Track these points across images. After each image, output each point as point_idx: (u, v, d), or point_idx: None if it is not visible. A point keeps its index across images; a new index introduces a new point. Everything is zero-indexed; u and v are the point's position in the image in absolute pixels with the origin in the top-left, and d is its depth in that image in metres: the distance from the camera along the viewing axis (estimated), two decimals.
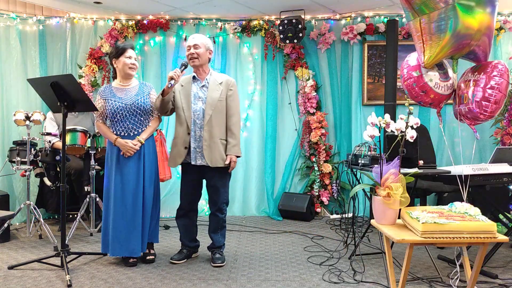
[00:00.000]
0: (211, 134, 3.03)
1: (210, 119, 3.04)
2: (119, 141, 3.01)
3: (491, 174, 2.98)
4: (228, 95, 3.12)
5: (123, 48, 3.07)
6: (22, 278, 2.82)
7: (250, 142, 5.03)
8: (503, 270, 2.97)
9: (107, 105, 3.04)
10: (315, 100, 4.89)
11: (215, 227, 3.20)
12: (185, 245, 3.25)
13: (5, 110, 4.64)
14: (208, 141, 3.03)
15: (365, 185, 2.42)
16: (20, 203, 4.42)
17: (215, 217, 3.18)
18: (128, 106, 3.03)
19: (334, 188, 4.88)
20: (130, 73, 3.09)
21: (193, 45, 3.07)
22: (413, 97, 3.01)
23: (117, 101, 3.03)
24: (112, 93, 3.08)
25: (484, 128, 4.61)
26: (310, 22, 4.97)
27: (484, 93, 2.76)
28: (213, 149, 3.03)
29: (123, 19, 4.96)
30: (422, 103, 3.04)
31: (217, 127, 3.06)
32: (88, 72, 4.85)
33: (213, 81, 3.12)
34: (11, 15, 4.70)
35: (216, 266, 3.09)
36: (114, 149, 3.06)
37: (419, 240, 1.95)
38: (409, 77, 2.96)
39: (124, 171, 3.02)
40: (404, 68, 3.03)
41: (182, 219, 3.22)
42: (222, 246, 3.23)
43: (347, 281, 2.77)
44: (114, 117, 3.04)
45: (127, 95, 3.07)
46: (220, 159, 3.04)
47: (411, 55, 3.08)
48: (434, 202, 4.55)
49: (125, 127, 3.05)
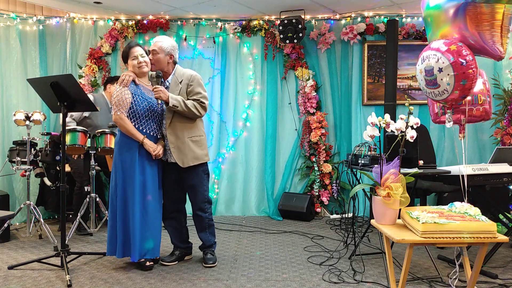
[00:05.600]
0: (176, 136, 2.99)
1: (172, 121, 2.99)
2: (146, 142, 2.93)
3: (491, 174, 2.98)
4: (188, 91, 3.02)
5: (126, 52, 3.01)
6: (22, 278, 2.82)
7: (250, 142, 5.03)
8: (503, 270, 2.97)
9: (136, 102, 2.93)
10: (315, 100, 4.89)
11: (201, 227, 3.15)
12: (177, 247, 3.20)
13: (5, 110, 4.64)
14: (175, 142, 2.99)
15: (365, 185, 2.42)
16: (20, 203, 4.42)
17: (198, 217, 3.13)
18: (155, 107, 2.98)
19: (334, 188, 4.88)
20: (142, 71, 3.01)
21: (151, 50, 3.02)
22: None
23: (147, 100, 2.96)
24: (140, 91, 2.98)
25: (484, 128, 4.61)
26: (310, 22, 4.97)
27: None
28: (182, 150, 2.99)
29: (123, 19, 4.96)
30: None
31: (182, 127, 3.00)
32: (88, 72, 4.85)
33: (174, 81, 3.05)
34: (11, 15, 4.71)
35: (207, 266, 3.06)
36: (134, 149, 2.93)
37: (419, 240, 1.95)
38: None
39: (148, 173, 2.95)
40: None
41: (168, 221, 3.17)
42: (213, 244, 3.19)
43: (347, 281, 2.76)
44: (144, 117, 2.95)
45: (152, 95, 2.97)
46: (192, 158, 2.99)
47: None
48: (434, 202, 4.55)
49: (153, 128, 3.00)
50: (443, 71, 2.65)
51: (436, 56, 2.68)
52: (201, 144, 3.07)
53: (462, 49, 2.62)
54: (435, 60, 2.68)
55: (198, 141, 3.06)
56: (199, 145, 3.06)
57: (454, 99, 2.73)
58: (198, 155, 3.03)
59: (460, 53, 2.61)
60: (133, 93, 2.94)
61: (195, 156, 3.01)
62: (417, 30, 4.79)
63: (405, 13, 4.81)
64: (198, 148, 3.04)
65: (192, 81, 3.04)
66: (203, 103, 3.02)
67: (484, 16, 2.63)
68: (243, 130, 5.03)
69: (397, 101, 4.30)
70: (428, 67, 2.74)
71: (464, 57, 2.60)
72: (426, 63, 2.76)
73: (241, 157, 5.04)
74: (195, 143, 3.03)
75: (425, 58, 2.78)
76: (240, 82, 5.04)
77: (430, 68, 2.73)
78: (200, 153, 3.04)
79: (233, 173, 5.04)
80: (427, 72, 2.76)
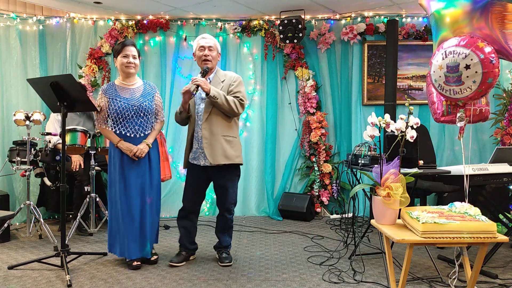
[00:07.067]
0: (211, 131, 2.99)
1: (209, 117, 3.00)
2: (122, 144, 2.96)
3: (491, 174, 2.98)
4: (229, 90, 3.04)
5: (120, 46, 3.02)
6: (22, 278, 2.82)
7: (250, 142, 5.03)
8: (503, 270, 2.97)
9: (111, 105, 2.98)
10: (315, 100, 4.89)
11: (223, 227, 3.18)
12: (184, 247, 3.20)
13: (5, 110, 4.64)
14: (209, 138, 2.98)
15: (365, 185, 2.42)
16: (20, 203, 4.42)
17: (224, 217, 3.15)
18: (135, 107, 2.99)
19: (334, 188, 4.88)
20: (128, 71, 3.03)
21: (208, 46, 3.04)
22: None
23: (122, 101, 2.98)
24: (116, 93, 3.01)
25: (484, 128, 4.61)
26: (310, 22, 4.97)
27: None
28: (214, 146, 2.97)
29: (123, 19, 4.96)
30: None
31: (218, 124, 3.00)
32: (88, 72, 4.85)
33: (215, 80, 3.08)
34: (11, 15, 4.70)
35: (224, 265, 3.08)
36: (117, 151, 3.00)
37: (419, 240, 1.95)
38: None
39: (130, 174, 2.97)
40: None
41: (183, 220, 3.18)
42: (228, 246, 3.22)
43: (347, 281, 2.76)
44: (119, 118, 2.98)
45: (132, 96, 3.03)
46: (222, 156, 2.97)
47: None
48: (434, 202, 4.54)
49: (131, 128, 3.00)
50: (471, 68, 2.55)
51: (464, 53, 2.57)
52: (234, 145, 3.06)
53: (489, 47, 2.56)
54: (462, 56, 2.58)
55: (231, 141, 3.05)
56: (232, 146, 3.04)
57: (473, 98, 2.67)
58: (229, 155, 3.00)
59: (489, 50, 2.55)
60: (109, 98, 3.00)
61: (226, 155, 2.99)
62: (417, 30, 4.79)
63: (405, 13, 4.81)
64: (230, 148, 3.03)
65: (235, 81, 3.09)
66: (242, 101, 3.03)
67: (509, 16, 2.57)
68: (243, 130, 5.03)
69: (397, 101, 4.30)
70: (453, 63, 2.62)
71: (492, 55, 2.53)
72: (450, 59, 2.64)
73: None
74: (228, 143, 3.02)
75: (448, 54, 2.65)
76: None
77: (455, 65, 2.61)
78: (231, 154, 3.02)
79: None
80: (450, 69, 2.65)
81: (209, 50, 3.04)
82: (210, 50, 3.04)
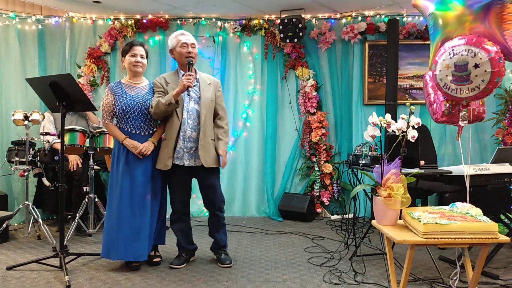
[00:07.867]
0: (205, 134, 3.01)
1: (205, 119, 3.02)
2: (127, 142, 2.94)
3: (492, 174, 2.96)
4: (217, 96, 3.14)
5: (129, 46, 3.05)
6: (21, 279, 2.80)
7: (250, 142, 5.01)
8: (505, 271, 2.95)
9: (117, 102, 2.98)
10: (315, 100, 4.87)
11: (217, 227, 3.18)
12: (183, 249, 3.18)
13: (3, 110, 4.63)
14: (203, 141, 3.00)
15: (366, 186, 2.40)
16: (19, 203, 4.41)
17: (216, 217, 3.15)
18: (140, 105, 2.99)
19: (335, 188, 4.86)
20: (136, 70, 3.05)
21: (190, 44, 3.06)
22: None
23: (128, 98, 2.98)
24: (122, 90, 3.02)
25: (485, 128, 4.59)
26: (311, 22, 4.95)
27: None
28: (207, 150, 3.00)
29: (122, 19, 4.94)
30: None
31: (209, 127, 3.06)
32: (87, 72, 4.83)
33: (202, 81, 3.12)
34: (10, 15, 4.69)
35: (224, 267, 3.06)
36: (122, 149, 2.97)
37: (420, 241, 1.93)
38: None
39: (135, 173, 2.95)
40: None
41: (177, 224, 3.15)
42: (226, 245, 3.22)
43: (348, 282, 2.75)
44: (125, 114, 2.97)
45: (138, 93, 3.04)
46: (213, 159, 3.02)
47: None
48: (435, 202, 4.53)
49: (136, 125, 3.00)
50: (480, 67, 2.52)
51: (473, 51, 2.54)
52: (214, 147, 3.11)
53: (495, 46, 2.53)
54: (471, 55, 2.54)
55: (214, 144, 3.09)
56: (214, 148, 3.08)
57: (479, 97, 2.65)
58: (217, 158, 3.06)
59: (497, 50, 2.52)
60: (115, 95, 3.00)
61: (215, 158, 3.04)
62: (418, 29, 4.77)
63: (405, 13, 4.80)
64: (214, 151, 3.06)
65: (220, 89, 3.20)
66: (227, 125, 3.18)
67: (509, 17, 2.55)
68: (243, 130, 5.02)
69: (398, 101, 4.28)
70: (461, 62, 2.58)
71: (500, 54, 2.51)
72: (458, 57, 2.60)
73: (241, 157, 5.02)
74: (213, 146, 3.07)
75: (455, 53, 2.61)
76: (240, 82, 5.02)
77: (463, 63, 2.57)
78: (217, 157, 3.07)
79: (233, 173, 5.01)
80: (458, 67, 2.60)
81: (192, 47, 3.06)
82: (193, 47, 3.07)
